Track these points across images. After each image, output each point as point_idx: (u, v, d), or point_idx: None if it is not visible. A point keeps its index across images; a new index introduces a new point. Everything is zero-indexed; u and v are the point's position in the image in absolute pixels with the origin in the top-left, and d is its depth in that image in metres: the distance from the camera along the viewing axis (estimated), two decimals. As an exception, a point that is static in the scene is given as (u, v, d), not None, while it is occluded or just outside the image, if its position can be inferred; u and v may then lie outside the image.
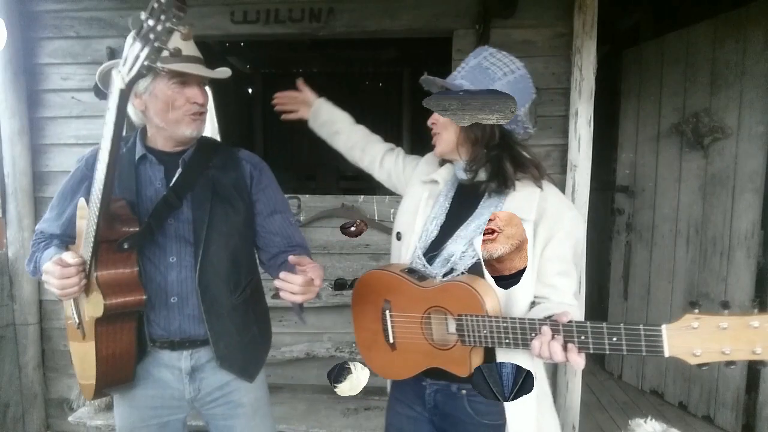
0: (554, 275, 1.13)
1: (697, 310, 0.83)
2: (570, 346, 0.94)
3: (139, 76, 0.91)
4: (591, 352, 0.93)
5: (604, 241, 3.71)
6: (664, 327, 0.84)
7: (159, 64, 1.20)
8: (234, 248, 1.33)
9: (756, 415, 2.65)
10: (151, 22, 0.84)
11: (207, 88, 1.35)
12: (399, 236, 1.28)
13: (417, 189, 1.30)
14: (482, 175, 1.19)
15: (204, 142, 1.39)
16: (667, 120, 3.06)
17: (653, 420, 1.33)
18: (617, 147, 3.44)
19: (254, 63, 5.53)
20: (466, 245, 1.13)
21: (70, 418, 2.25)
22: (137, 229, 1.20)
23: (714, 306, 2.87)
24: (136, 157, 1.33)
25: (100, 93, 2.71)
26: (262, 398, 1.46)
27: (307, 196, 2.57)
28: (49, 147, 2.63)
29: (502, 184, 1.14)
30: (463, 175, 1.21)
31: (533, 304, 1.14)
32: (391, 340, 1.19)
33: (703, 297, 2.87)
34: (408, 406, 1.31)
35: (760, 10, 2.57)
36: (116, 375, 1.27)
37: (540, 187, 1.15)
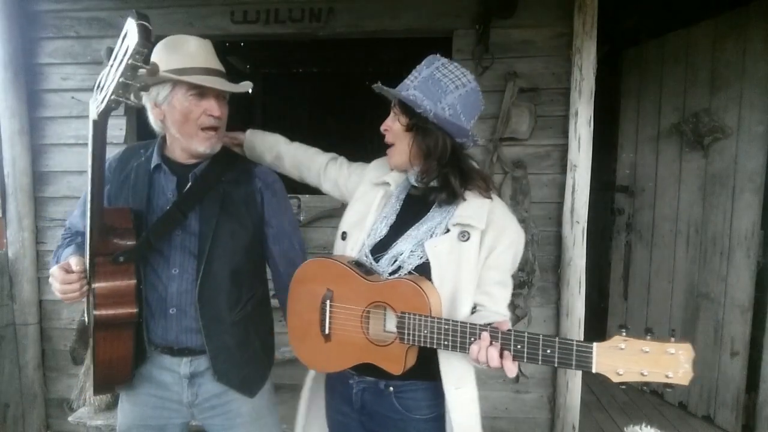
0: (493, 284, 1.17)
1: (624, 333, 0.90)
2: (506, 353, 0.98)
3: (109, 109, 0.92)
4: (524, 361, 0.97)
5: (604, 241, 3.71)
6: (595, 345, 0.91)
7: (177, 77, 1.21)
8: (237, 264, 1.32)
9: (756, 415, 2.65)
10: (118, 56, 0.84)
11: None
12: (344, 236, 1.29)
13: (368, 190, 1.31)
14: (432, 184, 1.21)
15: (221, 155, 1.38)
16: (667, 120, 3.06)
17: (649, 427, 1.34)
18: (617, 147, 3.45)
19: (254, 63, 5.54)
20: (416, 246, 1.16)
21: (70, 418, 2.25)
22: (134, 242, 1.20)
23: (714, 306, 2.89)
24: (152, 166, 1.33)
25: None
26: (263, 407, 1.44)
27: (307, 196, 2.56)
28: (49, 147, 2.63)
29: (450, 197, 1.17)
30: (414, 183, 1.24)
31: (473, 309, 1.17)
32: (327, 331, 1.18)
33: (703, 297, 2.87)
34: (337, 409, 1.32)
35: (760, 10, 2.57)
36: (113, 377, 1.28)
37: (489, 198, 1.19)
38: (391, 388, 1.19)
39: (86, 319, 1.31)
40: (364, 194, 1.31)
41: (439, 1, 2.39)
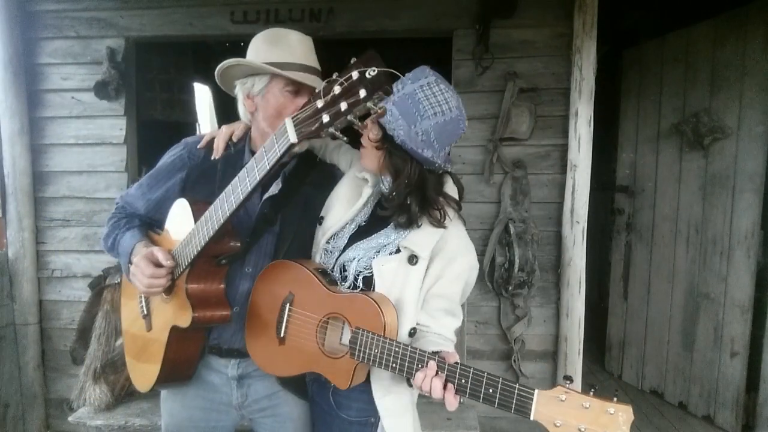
0: (438, 310, 1.18)
1: (568, 384, 0.91)
2: (449, 386, 0.98)
3: (314, 136, 0.88)
4: (466, 397, 0.97)
5: (604, 241, 3.71)
6: (536, 392, 0.90)
7: (278, 71, 1.18)
8: None
9: (756, 415, 2.65)
10: (352, 92, 0.79)
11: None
12: (321, 221, 1.29)
13: (352, 182, 1.29)
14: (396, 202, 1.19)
15: (306, 156, 1.37)
16: (667, 120, 3.06)
17: None
18: (617, 147, 3.44)
19: (254, 63, 5.57)
20: (364, 257, 1.17)
21: (70, 418, 2.24)
22: (239, 245, 1.18)
23: (714, 306, 2.88)
24: (244, 162, 1.30)
25: (100, 93, 2.72)
26: (307, 418, 1.39)
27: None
28: (49, 147, 2.63)
29: (407, 222, 1.16)
30: (385, 191, 1.21)
31: (414, 330, 1.17)
32: (282, 335, 1.17)
33: (703, 297, 2.87)
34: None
35: (760, 10, 2.57)
36: (177, 376, 1.26)
37: (443, 227, 1.16)
38: (332, 384, 1.18)
39: (143, 311, 1.29)
40: (347, 185, 1.30)
41: (439, 1, 2.39)
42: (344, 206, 1.26)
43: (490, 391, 0.94)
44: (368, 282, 1.16)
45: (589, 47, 2.25)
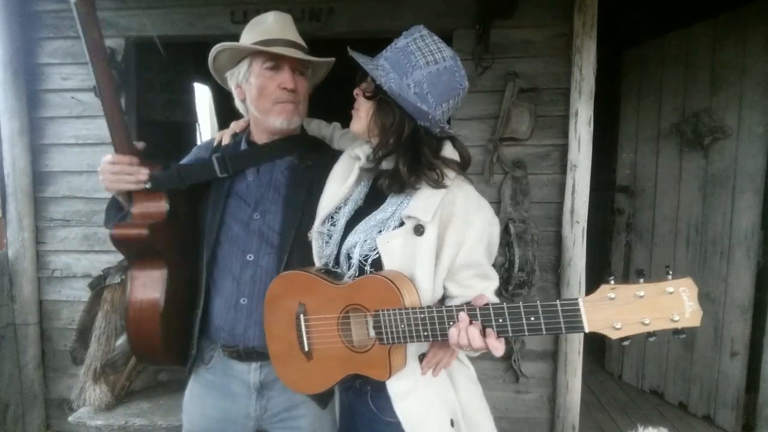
0: (471, 278, 1.10)
1: (612, 280, 0.79)
2: (488, 331, 0.90)
3: None
4: (510, 335, 0.89)
5: (604, 241, 3.71)
6: (580, 300, 0.81)
7: (256, 47, 1.21)
8: None
9: (756, 415, 2.65)
10: None
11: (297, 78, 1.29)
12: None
13: (344, 162, 1.25)
14: (384, 166, 1.11)
15: (312, 141, 1.38)
16: (667, 120, 3.06)
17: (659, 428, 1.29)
18: (617, 147, 3.44)
19: (254, 63, 5.57)
20: (367, 238, 1.09)
21: (70, 418, 2.24)
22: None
23: (714, 306, 2.88)
24: (240, 150, 1.34)
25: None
26: (331, 425, 1.33)
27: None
28: (49, 147, 2.63)
29: (397, 185, 1.07)
30: (364, 158, 1.15)
31: (443, 299, 1.12)
32: (306, 348, 1.09)
33: (703, 297, 2.85)
34: (342, 416, 1.28)
35: (760, 10, 2.57)
36: (143, 334, 1.22)
37: (443, 187, 1.06)
38: (369, 387, 1.14)
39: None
40: (341, 165, 1.25)
41: (439, 1, 2.39)
42: (338, 185, 1.20)
43: (532, 319, 0.85)
44: (377, 264, 1.06)
45: (589, 47, 2.25)
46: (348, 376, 1.08)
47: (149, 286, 1.20)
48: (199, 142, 4.01)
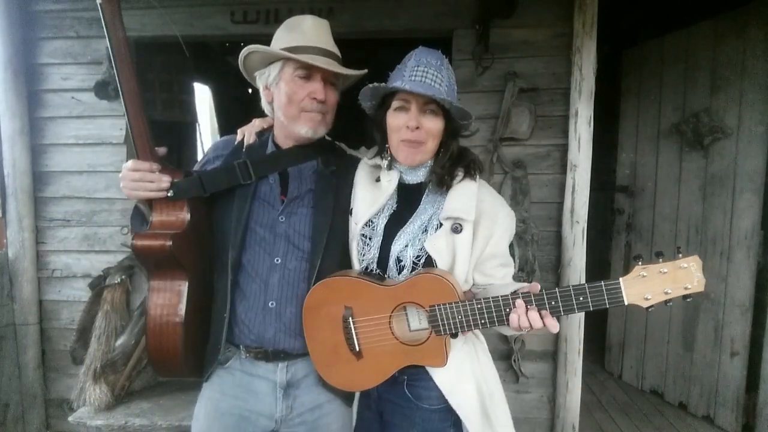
0: (495, 267, 1.22)
1: (640, 262, 0.99)
2: (544, 312, 1.03)
3: None
4: (562, 314, 1.03)
5: (604, 241, 3.71)
6: (621, 281, 0.99)
7: (286, 53, 1.20)
8: (344, 262, 1.28)
9: (756, 415, 2.65)
10: None
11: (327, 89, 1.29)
12: (351, 211, 1.30)
13: (365, 168, 1.33)
14: (421, 175, 1.25)
15: (328, 145, 1.38)
16: (667, 120, 3.06)
17: None
18: (617, 147, 3.44)
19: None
20: (413, 241, 1.19)
21: (70, 418, 2.24)
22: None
23: (714, 306, 2.88)
24: (267, 152, 1.33)
25: (100, 93, 2.72)
26: (348, 425, 1.35)
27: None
28: (49, 147, 2.63)
29: (442, 181, 1.20)
30: (414, 178, 1.25)
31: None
32: (357, 348, 1.17)
33: (703, 297, 2.87)
34: (360, 402, 1.35)
35: (760, 10, 2.57)
36: (163, 346, 1.20)
37: (476, 180, 1.22)
38: (405, 377, 1.21)
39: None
40: (363, 171, 1.33)
41: (439, 1, 2.39)
42: (367, 191, 1.27)
43: (581, 299, 1.00)
44: (429, 264, 1.17)
45: (589, 47, 2.25)
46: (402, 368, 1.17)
47: (171, 297, 1.19)
48: (199, 142, 4.03)
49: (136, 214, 1.28)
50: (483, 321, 1.07)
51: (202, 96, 4.55)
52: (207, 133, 4.89)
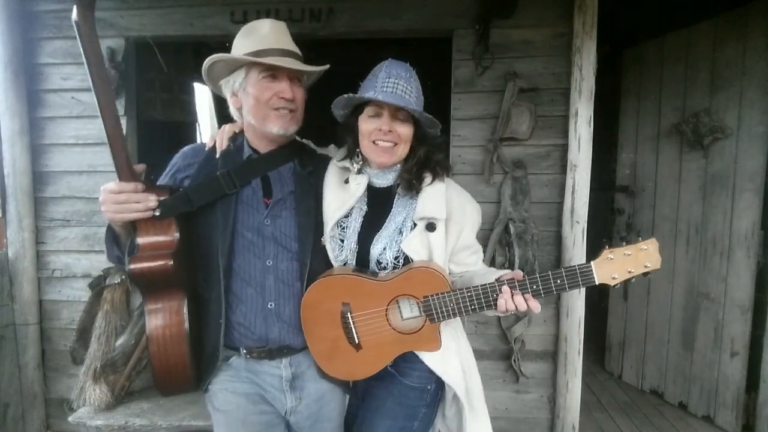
0: (468, 256, 1.35)
1: (608, 246, 1.13)
2: (527, 296, 1.15)
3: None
4: (542, 296, 1.15)
5: (604, 240, 3.71)
6: (592, 264, 1.13)
7: (250, 58, 1.22)
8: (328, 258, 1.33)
9: (756, 415, 2.65)
10: None
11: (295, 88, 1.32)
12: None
13: (334, 169, 1.37)
14: (390, 179, 1.32)
15: (299, 146, 1.40)
16: (667, 120, 3.06)
17: None
18: (617, 147, 3.44)
19: (254, 63, 5.56)
20: (390, 242, 1.26)
21: (70, 418, 2.24)
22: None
23: (714, 306, 2.88)
24: (245, 156, 1.34)
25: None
26: (342, 412, 1.43)
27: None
28: (49, 147, 2.63)
29: (410, 186, 1.27)
30: (383, 181, 1.32)
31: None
32: (357, 341, 1.25)
33: (703, 297, 2.87)
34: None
35: (760, 10, 2.57)
36: (171, 369, 1.20)
37: (443, 181, 1.30)
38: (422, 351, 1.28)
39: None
40: (333, 173, 1.37)
41: (439, 1, 2.39)
42: (335, 193, 1.32)
43: (558, 282, 1.13)
44: (407, 262, 1.26)
45: (589, 47, 2.25)
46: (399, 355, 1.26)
47: (171, 317, 1.18)
48: (199, 142, 4.03)
49: (109, 238, 1.24)
50: (473, 307, 1.18)
51: (202, 96, 4.55)
52: (207, 133, 4.89)
